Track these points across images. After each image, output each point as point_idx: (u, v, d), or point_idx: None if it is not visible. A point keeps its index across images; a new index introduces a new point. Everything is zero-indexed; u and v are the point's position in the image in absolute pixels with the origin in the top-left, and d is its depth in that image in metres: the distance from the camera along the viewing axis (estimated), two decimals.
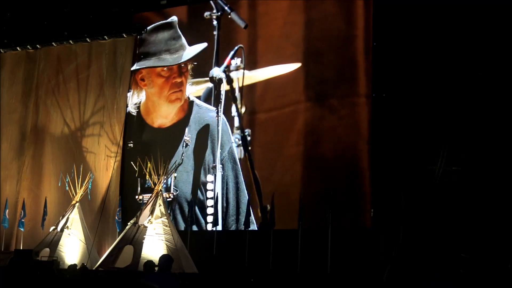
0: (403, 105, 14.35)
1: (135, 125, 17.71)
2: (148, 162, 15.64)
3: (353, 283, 12.89)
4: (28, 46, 19.68)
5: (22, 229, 17.31)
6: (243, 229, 15.16)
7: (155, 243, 13.91)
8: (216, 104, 16.30)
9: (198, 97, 16.98)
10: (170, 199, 16.33)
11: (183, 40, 17.22)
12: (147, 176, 15.66)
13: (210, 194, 16.16)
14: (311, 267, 14.00)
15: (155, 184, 15.13)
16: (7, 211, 17.72)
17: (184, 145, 16.60)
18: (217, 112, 16.20)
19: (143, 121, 17.64)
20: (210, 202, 16.08)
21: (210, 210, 16.02)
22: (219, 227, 15.71)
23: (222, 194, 15.97)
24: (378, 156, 14.63)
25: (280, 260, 14.36)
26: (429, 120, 14.00)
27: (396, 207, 13.92)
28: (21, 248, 16.83)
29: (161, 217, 14.36)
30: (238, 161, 16.05)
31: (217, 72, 16.41)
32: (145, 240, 13.92)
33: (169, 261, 10.06)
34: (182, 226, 16.23)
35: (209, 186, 16.22)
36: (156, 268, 10.43)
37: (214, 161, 16.23)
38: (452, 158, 13.65)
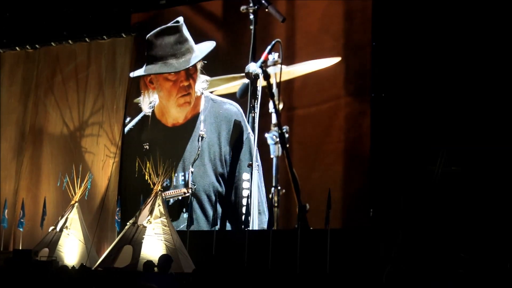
0: (402, 105, 14.33)
1: (150, 125, 17.43)
2: (148, 162, 15.62)
3: (352, 283, 12.88)
4: (27, 46, 19.66)
5: (21, 229, 17.29)
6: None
7: (154, 243, 13.91)
8: (253, 100, 15.80)
9: (233, 94, 16.65)
10: (189, 194, 16.16)
11: (190, 42, 16.86)
12: (147, 176, 15.61)
13: (245, 193, 15.82)
14: (310, 267, 13.97)
15: (154, 184, 15.10)
16: (6, 211, 17.73)
17: (200, 139, 16.38)
18: (254, 109, 15.71)
19: (158, 122, 17.39)
20: (244, 202, 15.75)
21: (243, 210, 15.69)
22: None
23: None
24: (377, 155, 14.61)
25: (279, 260, 14.34)
26: (429, 120, 13.98)
27: (395, 207, 13.90)
28: (20, 248, 16.82)
29: (160, 217, 14.35)
30: (257, 152, 15.66)
31: (253, 67, 15.80)
32: (144, 240, 13.91)
33: (168, 261, 10.08)
34: (202, 221, 16.03)
35: (245, 184, 15.86)
36: (156, 268, 10.44)
37: (232, 149, 16.04)
38: (451, 158, 13.63)
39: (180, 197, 16.38)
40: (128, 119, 17.96)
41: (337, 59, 15.53)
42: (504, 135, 13.36)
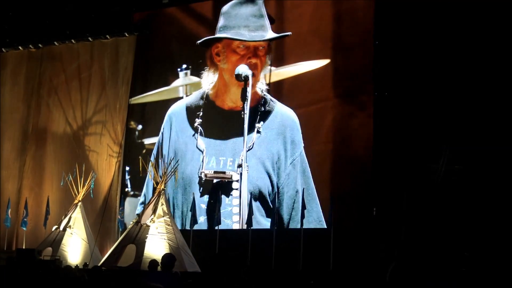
0: (405, 103, 14.35)
1: (204, 106, 16.88)
2: (151, 161, 15.61)
3: (355, 282, 12.90)
4: (30, 46, 19.70)
5: (24, 228, 17.32)
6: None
7: (158, 242, 13.92)
8: (243, 101, 15.71)
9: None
10: (237, 179, 15.85)
11: (266, 21, 16.33)
12: (149, 175, 15.60)
13: (236, 193, 15.78)
14: (313, 266, 14.00)
15: (157, 183, 15.09)
16: (9, 210, 17.76)
17: (256, 131, 15.90)
18: (243, 109, 15.65)
19: (213, 104, 16.85)
20: (236, 202, 15.71)
21: (236, 210, 15.68)
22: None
23: (289, 194, 15.52)
24: (380, 154, 14.63)
25: (283, 259, 14.36)
26: (432, 119, 13.99)
27: (398, 206, 13.91)
28: (24, 247, 16.85)
29: (163, 216, 14.36)
30: (308, 165, 15.51)
31: (243, 69, 15.94)
32: (148, 239, 13.92)
33: (171, 260, 10.09)
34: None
35: (235, 185, 15.81)
36: (159, 267, 10.46)
37: (286, 158, 15.75)
38: (454, 157, 13.64)
39: (226, 180, 16.05)
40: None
41: (325, 61, 15.71)
42: (507, 134, 13.36)
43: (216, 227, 15.34)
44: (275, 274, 13.68)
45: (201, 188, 16.12)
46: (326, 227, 14.76)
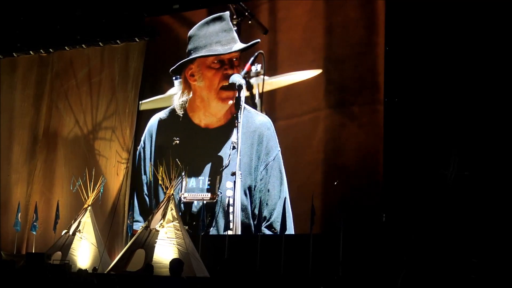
0: (415, 109, 14.34)
1: (181, 123, 17.03)
2: (160, 166, 15.63)
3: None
4: (41, 50, 19.76)
5: (34, 232, 17.37)
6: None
7: (167, 247, 13.94)
8: (236, 110, 15.84)
9: None
10: (215, 200, 16.08)
11: (235, 33, 16.52)
12: (160, 180, 15.63)
13: (230, 200, 15.80)
14: (322, 272, 13.98)
15: (167, 188, 15.12)
16: (19, 214, 17.81)
17: (231, 148, 16.03)
18: (237, 118, 15.73)
19: (189, 120, 17.01)
20: (231, 209, 15.72)
21: (231, 217, 15.69)
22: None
23: (263, 199, 15.67)
24: (390, 160, 14.61)
25: (292, 264, 14.35)
26: (442, 125, 13.97)
27: (408, 212, 13.89)
28: (33, 251, 16.91)
29: (172, 221, 14.39)
30: (283, 169, 15.72)
31: (237, 78, 16.06)
32: (157, 244, 13.95)
33: (180, 265, 10.10)
34: (222, 229, 15.89)
35: (229, 192, 15.87)
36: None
37: (259, 165, 15.87)
38: (464, 163, 13.61)
39: (205, 201, 16.18)
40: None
41: (317, 72, 15.87)
42: None
43: (225, 232, 15.38)
44: (284, 279, 13.67)
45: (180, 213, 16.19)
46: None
